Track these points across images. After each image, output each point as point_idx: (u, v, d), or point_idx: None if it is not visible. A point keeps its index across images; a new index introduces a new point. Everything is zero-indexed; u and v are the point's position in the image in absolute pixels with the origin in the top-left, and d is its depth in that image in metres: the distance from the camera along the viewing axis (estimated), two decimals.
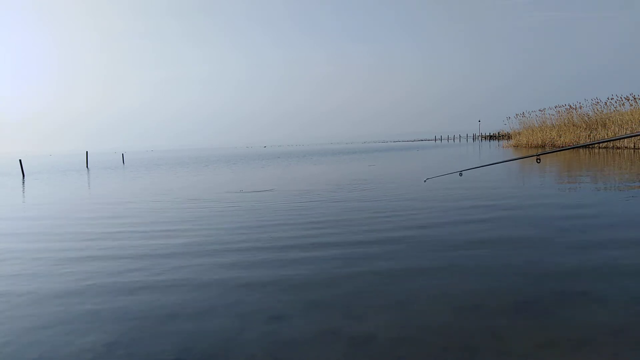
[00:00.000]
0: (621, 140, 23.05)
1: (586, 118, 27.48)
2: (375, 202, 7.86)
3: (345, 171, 16.66)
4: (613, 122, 24.42)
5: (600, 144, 24.69)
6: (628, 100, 25.15)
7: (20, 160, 24.15)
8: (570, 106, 29.34)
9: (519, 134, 34.98)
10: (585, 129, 26.65)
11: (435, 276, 3.60)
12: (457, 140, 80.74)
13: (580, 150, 23.82)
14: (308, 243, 4.88)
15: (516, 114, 35.75)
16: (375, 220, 6.06)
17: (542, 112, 32.14)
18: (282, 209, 7.43)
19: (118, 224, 6.69)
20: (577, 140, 26.75)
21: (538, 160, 3.14)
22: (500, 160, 4.69)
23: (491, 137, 72.22)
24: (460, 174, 4.22)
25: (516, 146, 33.46)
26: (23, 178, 19.24)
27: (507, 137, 44.36)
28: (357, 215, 6.49)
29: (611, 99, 26.30)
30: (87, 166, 28.84)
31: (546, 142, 29.98)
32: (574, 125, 27.90)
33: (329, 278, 3.65)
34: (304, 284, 3.53)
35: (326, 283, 3.52)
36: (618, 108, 25.72)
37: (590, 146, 25.60)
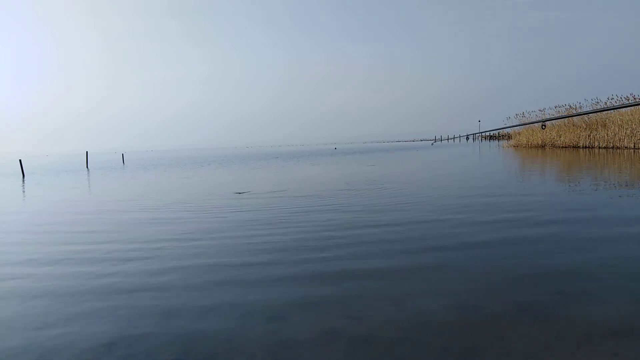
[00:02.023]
0: (621, 140, 23.09)
1: (586, 118, 27.48)
2: (377, 202, 7.86)
3: (347, 171, 16.66)
4: (613, 122, 24.44)
5: (601, 147, 24.71)
6: (628, 100, 25.15)
7: (20, 161, 24.16)
8: (570, 106, 29.36)
9: (519, 134, 34.98)
10: (585, 129, 26.66)
11: (435, 276, 3.60)
12: (457, 140, 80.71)
13: (581, 150, 23.84)
14: (308, 243, 4.88)
15: (516, 114, 35.72)
16: (376, 221, 6.05)
17: (542, 112, 32.14)
18: (285, 209, 7.44)
19: (118, 222, 6.69)
20: (577, 140, 26.79)
21: (543, 127, 3.53)
22: (507, 126, 4.74)
23: (491, 137, 72.25)
24: (467, 138, 4.40)
25: (516, 146, 33.45)
26: (23, 178, 19.23)
27: (507, 137, 44.36)
28: (358, 215, 6.49)
29: (611, 99, 26.32)
30: (87, 166, 28.81)
31: (546, 142, 29.99)
32: (574, 125, 27.91)
33: (329, 278, 3.65)
34: (304, 284, 3.54)
35: (326, 283, 3.53)
36: None
37: (590, 145, 25.63)
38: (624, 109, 25.04)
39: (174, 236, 5.57)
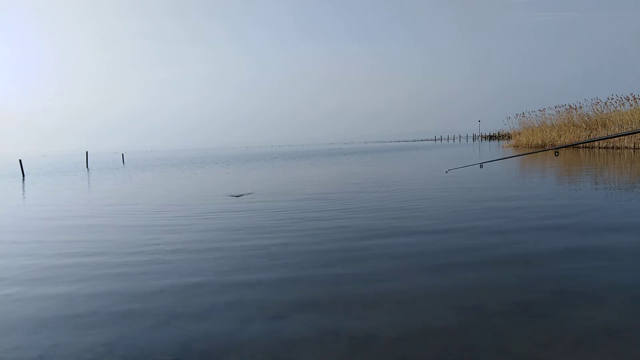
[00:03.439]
0: (621, 140, 23.10)
1: (586, 118, 27.51)
2: (378, 203, 7.86)
3: (346, 172, 16.66)
4: (613, 122, 24.44)
5: (600, 147, 24.72)
6: (628, 100, 25.16)
7: (20, 161, 24.15)
8: (570, 106, 29.38)
9: (518, 134, 35.01)
10: (585, 129, 26.68)
11: (436, 276, 3.60)
12: (457, 141, 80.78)
13: (580, 150, 23.86)
14: (308, 243, 4.88)
15: (516, 114, 35.81)
16: (377, 221, 6.06)
17: (542, 112, 32.19)
18: (282, 212, 7.44)
19: (116, 225, 6.69)
20: (577, 140, 26.78)
21: (556, 154, 3.46)
22: (520, 154, 4.75)
23: (491, 137, 72.22)
24: (481, 166, 4.43)
25: (516, 146, 33.47)
26: (23, 179, 19.23)
27: (507, 137, 44.37)
28: (358, 217, 6.49)
29: (611, 99, 26.32)
30: (87, 167, 28.78)
31: (546, 142, 29.99)
32: (574, 125, 27.93)
33: (329, 278, 3.65)
34: (304, 283, 3.53)
35: (326, 283, 3.53)
36: (618, 108, 25.73)
37: (590, 145, 25.62)
38: (624, 109, 25.05)
39: (172, 239, 5.57)
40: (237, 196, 8.57)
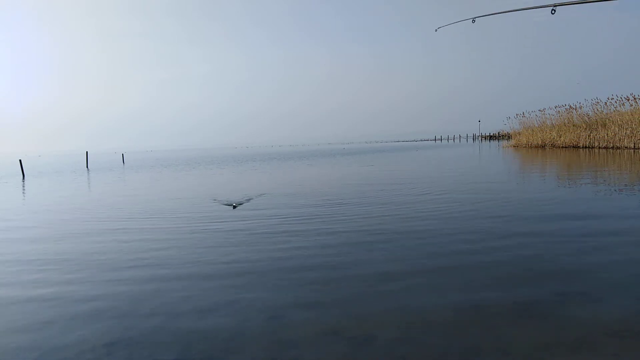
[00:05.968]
0: (621, 140, 23.12)
1: (586, 118, 27.48)
2: (379, 203, 7.86)
3: (348, 172, 16.66)
4: (613, 122, 24.42)
5: (600, 147, 24.73)
6: (628, 100, 25.14)
7: (20, 161, 24.13)
8: (570, 106, 29.35)
9: (519, 134, 34.95)
10: (586, 129, 26.64)
11: (436, 276, 3.60)
12: (457, 141, 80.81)
13: (580, 150, 23.86)
14: (308, 243, 4.88)
15: (516, 114, 35.74)
16: (377, 223, 6.06)
17: (542, 112, 32.14)
18: (287, 209, 7.44)
19: (118, 220, 6.69)
20: (577, 140, 26.79)
21: (553, 11, 3.64)
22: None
23: (491, 137, 72.16)
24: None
25: (516, 146, 33.45)
26: (23, 179, 19.22)
27: (507, 137, 44.33)
28: (359, 218, 6.49)
29: (611, 99, 26.29)
30: (87, 167, 28.75)
31: (546, 142, 29.97)
32: (574, 125, 27.90)
33: (330, 278, 3.65)
34: (304, 284, 3.54)
35: (326, 283, 3.53)
36: (618, 108, 25.70)
37: (590, 145, 25.65)
38: (624, 109, 25.04)
39: (175, 236, 5.57)
40: (233, 206, 8.57)
